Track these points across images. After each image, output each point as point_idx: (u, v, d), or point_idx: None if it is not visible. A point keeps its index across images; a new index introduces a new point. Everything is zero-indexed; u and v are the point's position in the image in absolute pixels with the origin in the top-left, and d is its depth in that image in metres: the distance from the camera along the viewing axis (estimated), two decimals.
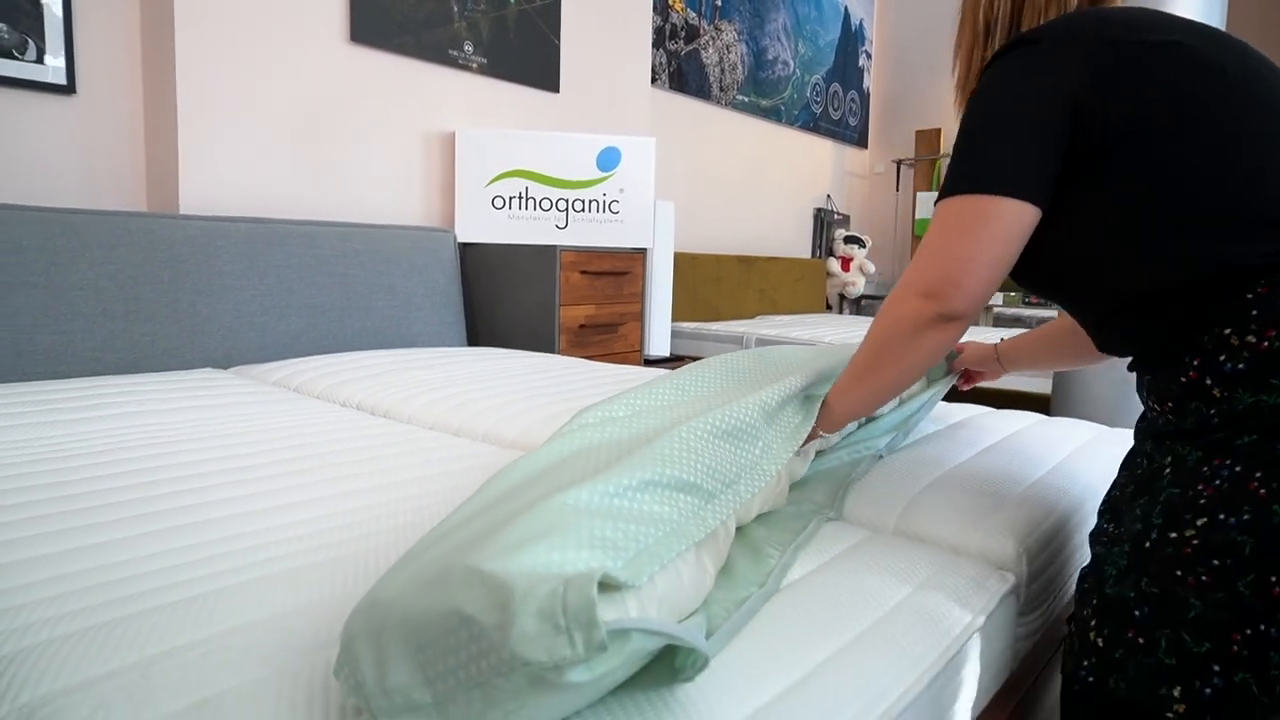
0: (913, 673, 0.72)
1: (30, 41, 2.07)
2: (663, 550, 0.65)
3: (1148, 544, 0.77)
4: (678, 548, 0.66)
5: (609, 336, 2.86)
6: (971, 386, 1.40)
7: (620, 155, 2.96)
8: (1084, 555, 1.18)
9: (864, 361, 0.96)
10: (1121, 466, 0.94)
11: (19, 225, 1.83)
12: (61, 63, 2.12)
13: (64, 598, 0.74)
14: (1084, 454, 1.35)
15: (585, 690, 0.53)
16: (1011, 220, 0.82)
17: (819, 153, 5.60)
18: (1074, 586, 1.16)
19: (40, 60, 2.09)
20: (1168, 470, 0.80)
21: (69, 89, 2.14)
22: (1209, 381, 0.77)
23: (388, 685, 0.53)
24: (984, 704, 0.89)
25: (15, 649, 0.65)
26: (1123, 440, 1.48)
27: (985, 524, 1.01)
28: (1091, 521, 1.20)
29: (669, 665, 0.63)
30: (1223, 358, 0.76)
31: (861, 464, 1.15)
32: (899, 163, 6.02)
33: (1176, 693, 0.72)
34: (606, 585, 0.55)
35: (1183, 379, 0.79)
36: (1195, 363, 0.78)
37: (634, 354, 2.97)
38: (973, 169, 0.84)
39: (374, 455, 1.29)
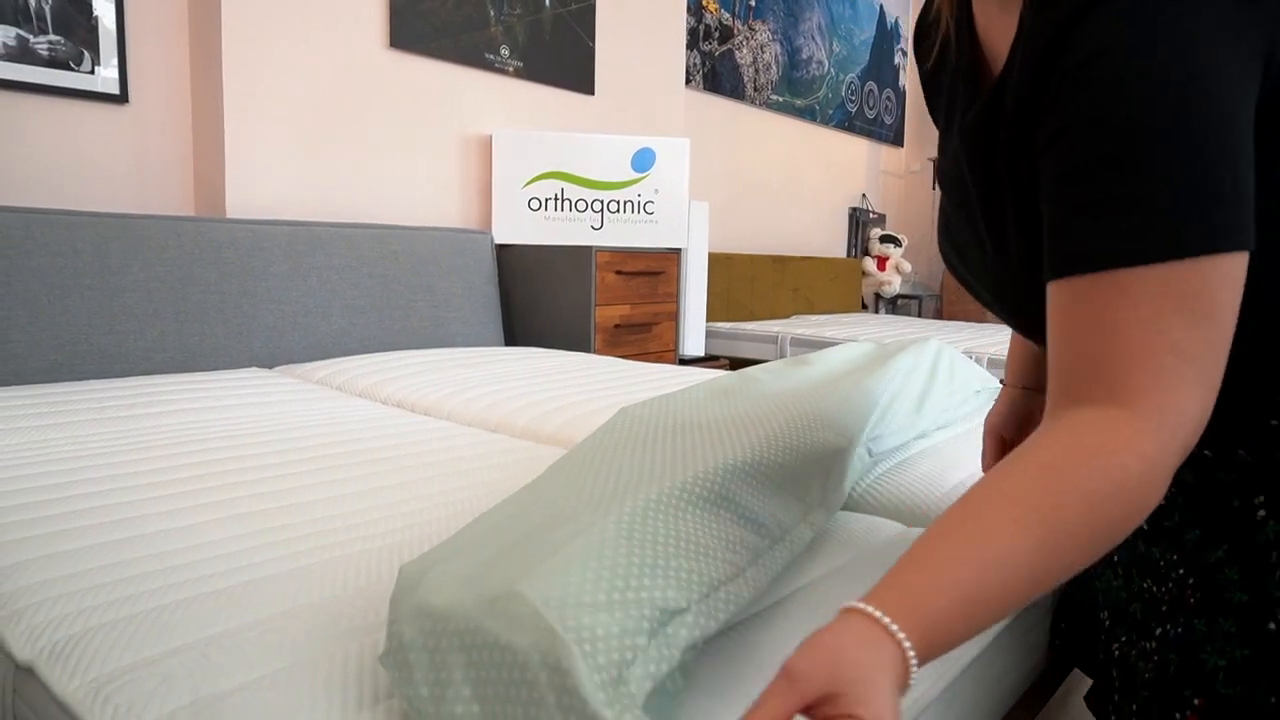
0: (929, 677, 0.72)
1: (85, 54, 2.15)
2: (719, 607, 0.63)
3: (1275, 625, 0.62)
4: (731, 608, 0.64)
5: (644, 336, 2.88)
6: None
7: (655, 156, 2.98)
8: None
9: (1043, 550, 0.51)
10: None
11: (76, 229, 1.90)
12: (114, 73, 2.20)
13: (126, 582, 0.78)
14: None
15: None
16: (1239, 282, 0.53)
17: (854, 152, 5.57)
18: None
19: (94, 71, 2.16)
20: (1267, 517, 0.64)
21: (122, 98, 2.22)
22: None
23: (444, 713, 0.54)
24: (1003, 711, 0.89)
25: (84, 628, 0.69)
26: None
27: None
28: None
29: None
30: None
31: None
32: (935, 161, 5.95)
33: None
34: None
35: (1274, 421, 0.64)
36: None
37: (668, 354, 2.99)
38: (1189, 216, 0.51)
39: (415, 450, 1.32)
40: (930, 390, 1.30)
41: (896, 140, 6.02)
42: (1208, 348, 0.52)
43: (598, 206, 2.95)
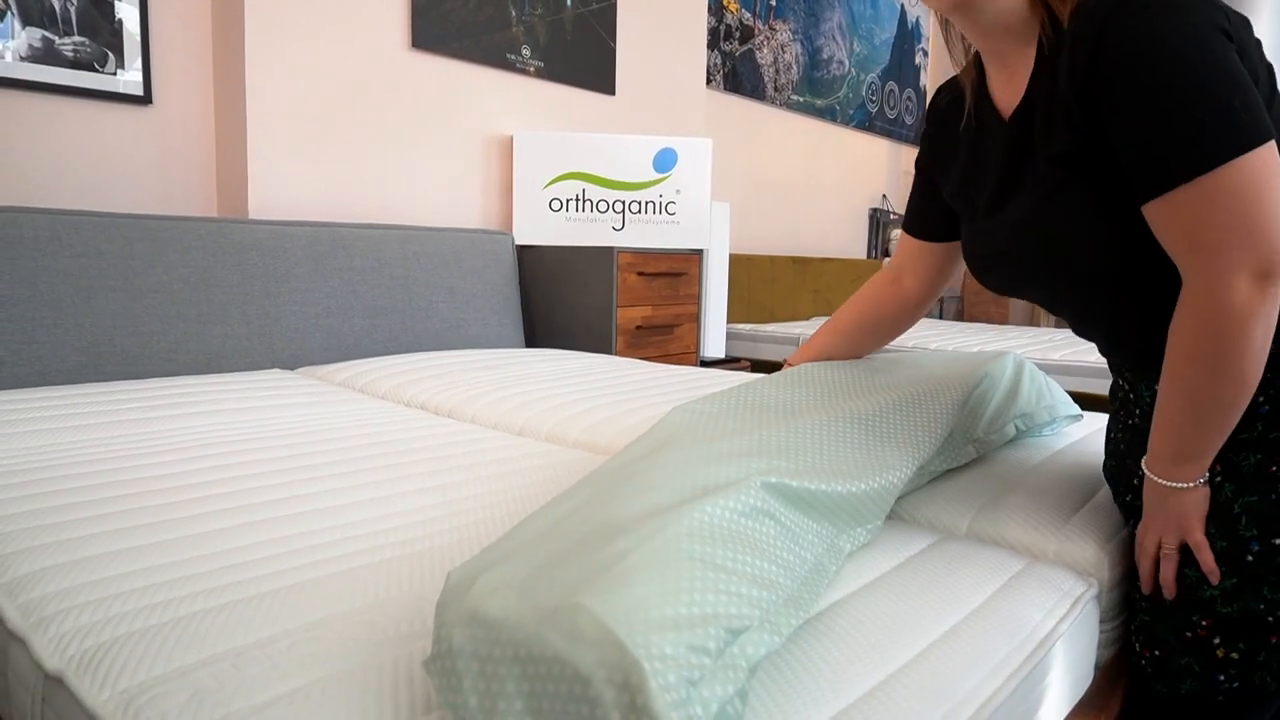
0: (997, 678, 0.70)
1: (110, 55, 2.15)
2: (782, 622, 0.63)
3: (1251, 557, 0.83)
4: (793, 623, 0.65)
5: (665, 337, 2.86)
6: None
7: (677, 157, 2.95)
8: None
9: (1198, 389, 0.80)
10: (1124, 465, 1.01)
11: (100, 231, 1.90)
12: (138, 75, 2.20)
13: (154, 589, 0.76)
14: None
15: None
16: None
17: (875, 152, 5.53)
18: None
19: (118, 73, 2.17)
20: (1223, 480, 0.86)
21: (145, 100, 2.22)
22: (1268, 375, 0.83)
23: None
24: (1065, 714, 0.87)
25: (113, 636, 0.67)
26: None
27: (1064, 527, 0.98)
28: None
29: None
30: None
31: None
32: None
33: None
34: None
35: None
36: None
37: (689, 355, 2.96)
38: (1230, 127, 0.74)
39: (441, 454, 1.30)
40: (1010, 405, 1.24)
41: (917, 141, 5.97)
42: None
43: (619, 207, 2.93)
